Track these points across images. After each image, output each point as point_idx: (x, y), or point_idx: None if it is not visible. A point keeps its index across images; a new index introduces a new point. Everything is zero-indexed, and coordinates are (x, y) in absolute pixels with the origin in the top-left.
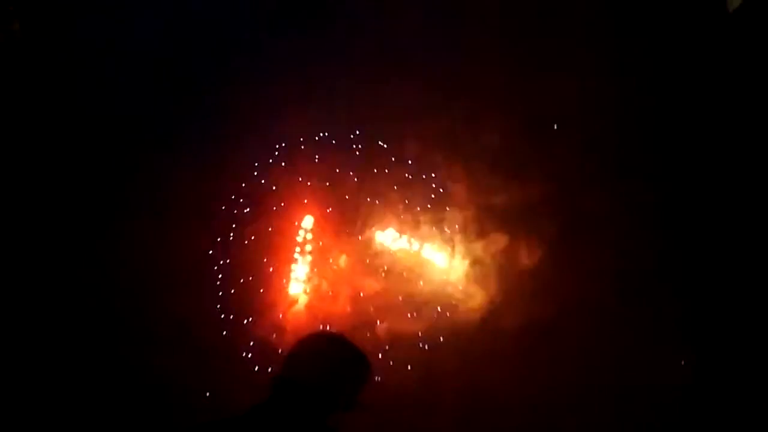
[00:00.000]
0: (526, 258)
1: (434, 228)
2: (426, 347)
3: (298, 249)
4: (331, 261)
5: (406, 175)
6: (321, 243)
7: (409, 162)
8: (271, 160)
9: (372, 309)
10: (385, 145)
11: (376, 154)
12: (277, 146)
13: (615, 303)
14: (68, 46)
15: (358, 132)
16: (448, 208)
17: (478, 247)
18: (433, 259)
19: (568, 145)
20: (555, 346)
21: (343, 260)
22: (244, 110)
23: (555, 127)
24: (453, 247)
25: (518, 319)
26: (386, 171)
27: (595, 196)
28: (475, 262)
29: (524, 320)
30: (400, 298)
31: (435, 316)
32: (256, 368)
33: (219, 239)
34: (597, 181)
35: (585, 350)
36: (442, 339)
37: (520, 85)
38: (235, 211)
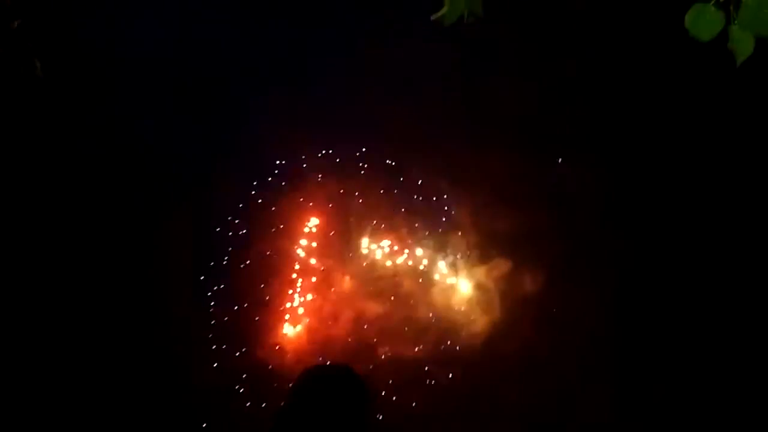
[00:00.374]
0: (529, 283)
1: (438, 252)
2: (428, 371)
3: (297, 267)
4: (333, 289)
5: (414, 196)
6: (322, 267)
7: (419, 183)
8: (269, 178)
9: (373, 334)
10: (393, 163)
11: (382, 175)
12: (277, 163)
13: (615, 326)
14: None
15: (364, 149)
16: (456, 233)
17: (481, 271)
18: (437, 283)
19: (570, 172)
20: (556, 370)
21: (344, 284)
22: (242, 124)
23: (559, 161)
24: (456, 272)
25: (520, 343)
26: (394, 192)
27: (597, 222)
28: (478, 287)
29: (526, 345)
30: (402, 322)
31: (437, 340)
32: (252, 399)
33: (212, 263)
34: (598, 208)
35: (585, 374)
36: (444, 363)
37: (529, 113)
38: (230, 233)
